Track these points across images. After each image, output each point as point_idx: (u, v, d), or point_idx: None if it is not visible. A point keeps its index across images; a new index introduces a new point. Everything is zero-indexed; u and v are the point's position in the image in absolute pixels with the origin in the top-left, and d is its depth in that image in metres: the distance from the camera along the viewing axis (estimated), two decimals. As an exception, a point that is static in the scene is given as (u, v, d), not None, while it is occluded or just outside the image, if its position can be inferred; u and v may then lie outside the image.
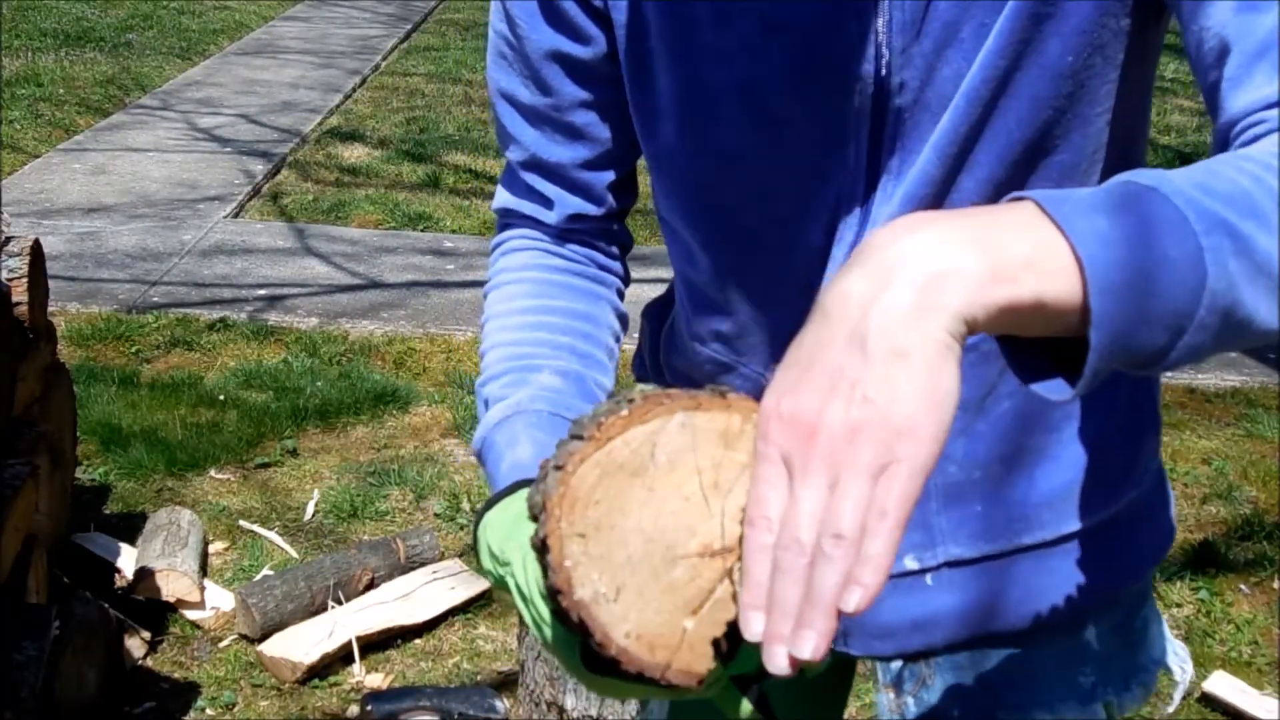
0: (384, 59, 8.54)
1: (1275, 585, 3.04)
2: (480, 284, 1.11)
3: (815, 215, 0.94)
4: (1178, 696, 1.16)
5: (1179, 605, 2.97)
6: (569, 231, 1.06)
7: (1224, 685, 2.63)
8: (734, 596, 0.70)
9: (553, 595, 0.71)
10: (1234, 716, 2.60)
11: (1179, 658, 1.13)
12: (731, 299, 1.01)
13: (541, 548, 0.71)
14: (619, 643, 0.69)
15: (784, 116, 0.90)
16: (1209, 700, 2.64)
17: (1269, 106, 0.72)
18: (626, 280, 1.11)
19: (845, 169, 0.91)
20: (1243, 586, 3.03)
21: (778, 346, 1.00)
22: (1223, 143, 0.74)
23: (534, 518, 0.72)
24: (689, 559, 0.70)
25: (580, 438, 0.71)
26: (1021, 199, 0.62)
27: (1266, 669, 2.76)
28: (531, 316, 1.03)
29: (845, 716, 1.27)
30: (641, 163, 1.05)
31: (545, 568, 0.71)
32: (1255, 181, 0.65)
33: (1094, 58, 0.86)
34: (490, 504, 0.87)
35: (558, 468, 0.71)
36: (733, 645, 0.71)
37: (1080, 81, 0.87)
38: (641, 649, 0.69)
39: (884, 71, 0.87)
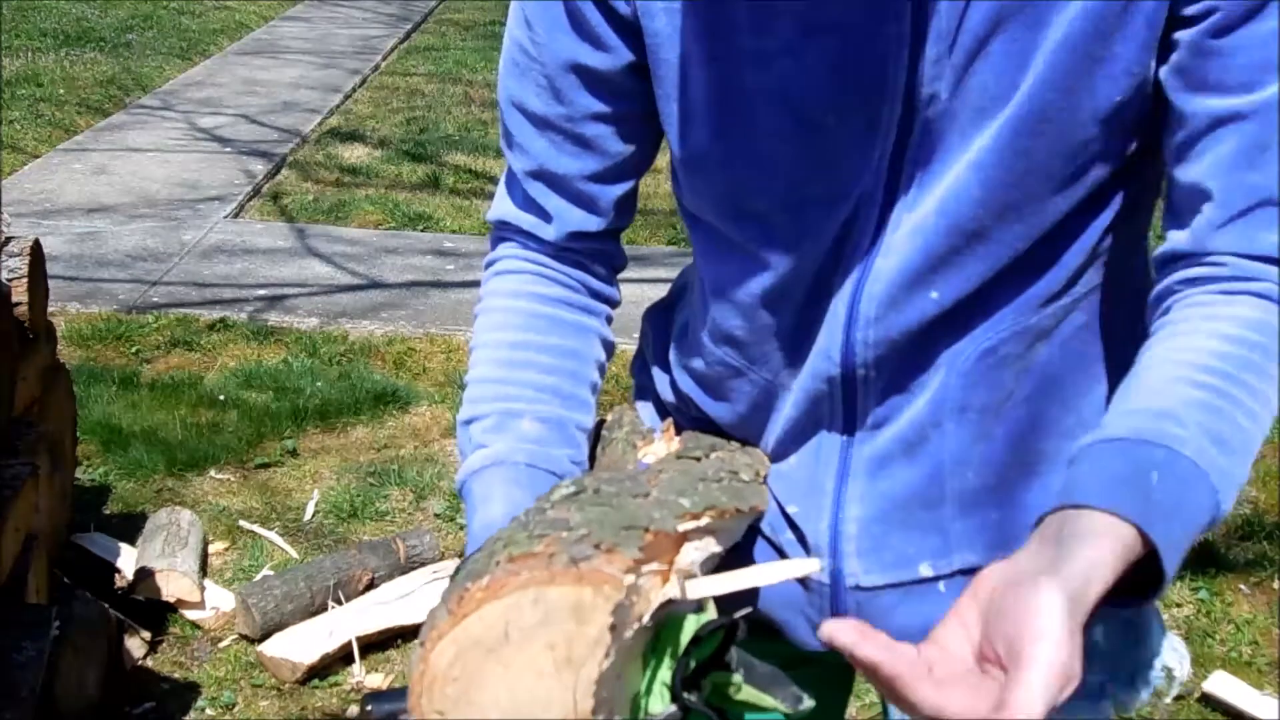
0: (384, 59, 8.54)
1: (1275, 585, 3.04)
2: (480, 284, 1.11)
3: (837, 221, 0.94)
4: (1174, 692, 1.17)
5: (1179, 605, 2.96)
6: (565, 251, 1.06)
7: (1224, 685, 2.63)
8: None
9: None
10: (1234, 716, 2.60)
11: (1177, 653, 1.13)
12: (746, 300, 1.01)
13: None
14: None
15: (819, 121, 0.90)
16: (1209, 700, 2.63)
17: (1245, 256, 0.87)
18: (616, 302, 1.11)
19: (869, 174, 0.91)
20: (1243, 586, 3.03)
21: (785, 352, 1.00)
22: (1169, 259, 0.90)
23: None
24: None
25: (446, 607, 0.73)
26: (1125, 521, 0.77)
27: (1266, 669, 2.76)
28: (518, 353, 1.03)
29: (846, 717, 1.27)
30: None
31: None
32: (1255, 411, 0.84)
33: (1136, 95, 0.88)
34: (464, 564, 0.88)
35: (421, 644, 0.73)
36: None
37: (1124, 118, 0.88)
38: None
39: (917, 80, 0.87)
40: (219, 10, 9.56)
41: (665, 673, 0.80)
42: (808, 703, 0.84)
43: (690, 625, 0.81)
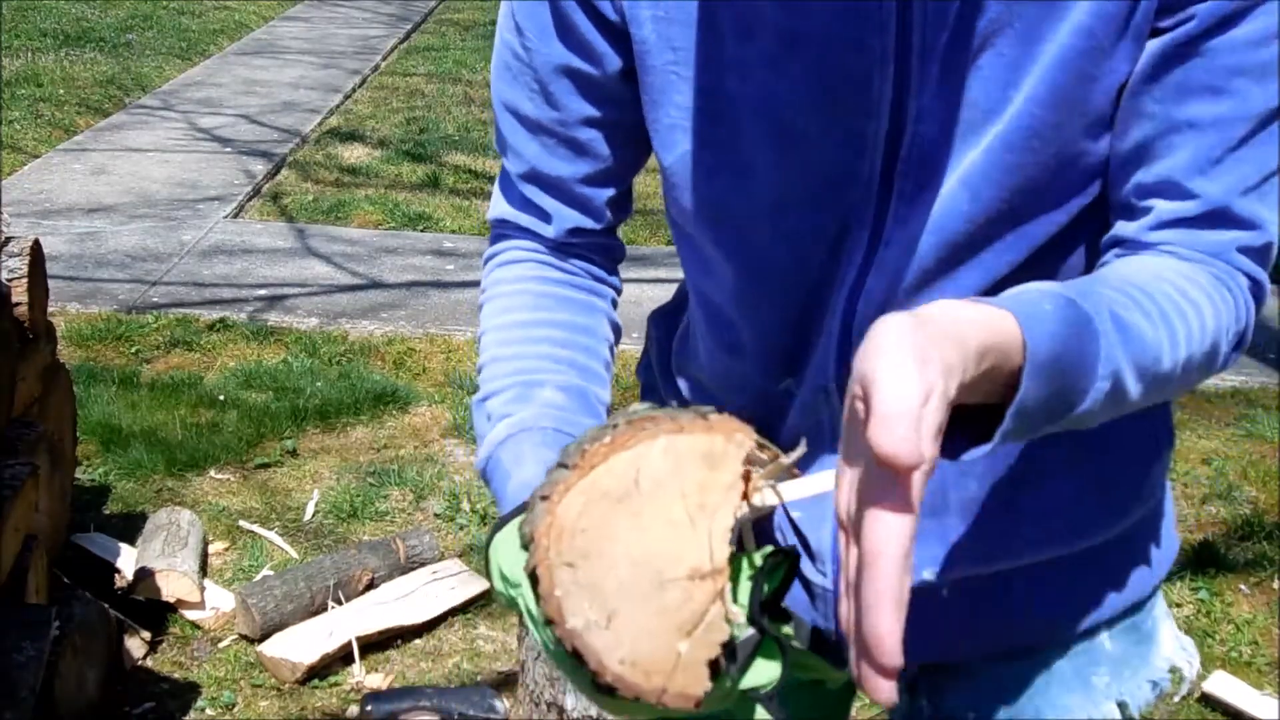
0: (384, 59, 8.54)
1: (1275, 585, 3.04)
2: (481, 280, 1.11)
3: (825, 234, 0.93)
4: (1183, 691, 1.17)
5: (1179, 605, 2.97)
6: (567, 245, 1.06)
7: (1224, 685, 2.63)
8: (726, 617, 0.70)
9: (546, 624, 0.71)
10: (1234, 716, 2.60)
11: (1186, 653, 1.13)
12: (739, 312, 1.00)
13: (532, 577, 0.71)
14: (614, 669, 0.69)
15: (801, 133, 0.89)
16: (1209, 700, 2.64)
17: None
18: (620, 290, 1.11)
19: (858, 189, 0.90)
20: (1243, 586, 3.03)
21: (779, 364, 1.00)
22: (1115, 243, 0.89)
23: (525, 547, 0.72)
24: (679, 582, 0.69)
25: (566, 466, 0.71)
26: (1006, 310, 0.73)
27: (1266, 669, 2.76)
28: (531, 330, 1.02)
29: (850, 717, 1.27)
30: (649, 163, 1.05)
31: (537, 597, 0.71)
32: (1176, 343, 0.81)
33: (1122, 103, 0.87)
34: (499, 525, 0.86)
35: (544, 498, 0.71)
36: (732, 660, 0.71)
37: (1111, 127, 0.88)
38: (637, 675, 0.69)
39: (902, 93, 0.86)
40: (219, 10, 9.56)
41: (743, 595, 0.78)
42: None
43: (755, 555, 0.80)
